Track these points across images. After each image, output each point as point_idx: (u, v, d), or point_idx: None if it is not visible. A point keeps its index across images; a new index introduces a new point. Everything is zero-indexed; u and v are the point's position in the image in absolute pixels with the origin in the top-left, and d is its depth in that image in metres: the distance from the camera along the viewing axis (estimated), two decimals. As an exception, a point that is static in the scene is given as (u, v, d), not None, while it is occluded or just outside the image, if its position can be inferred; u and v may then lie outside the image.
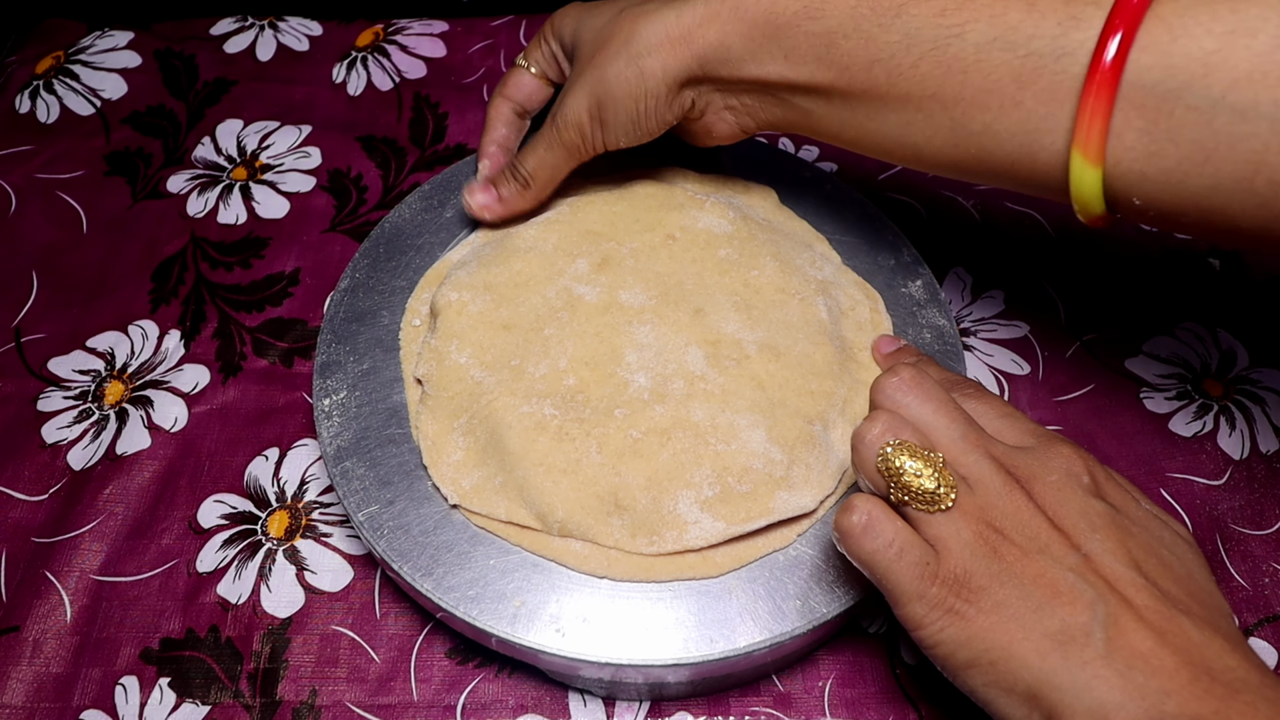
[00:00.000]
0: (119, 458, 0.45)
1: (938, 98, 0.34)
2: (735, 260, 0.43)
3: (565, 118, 0.40)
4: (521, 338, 0.40)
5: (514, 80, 0.45)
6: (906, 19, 0.34)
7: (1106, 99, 0.30)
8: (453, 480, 0.37)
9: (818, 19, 0.35)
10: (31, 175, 0.57)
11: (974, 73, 0.33)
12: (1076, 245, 0.53)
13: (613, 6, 0.40)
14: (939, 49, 0.33)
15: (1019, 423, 0.33)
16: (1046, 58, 0.31)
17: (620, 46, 0.38)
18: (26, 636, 0.40)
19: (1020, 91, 0.32)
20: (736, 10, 0.36)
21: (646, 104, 0.39)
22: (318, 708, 0.38)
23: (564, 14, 0.43)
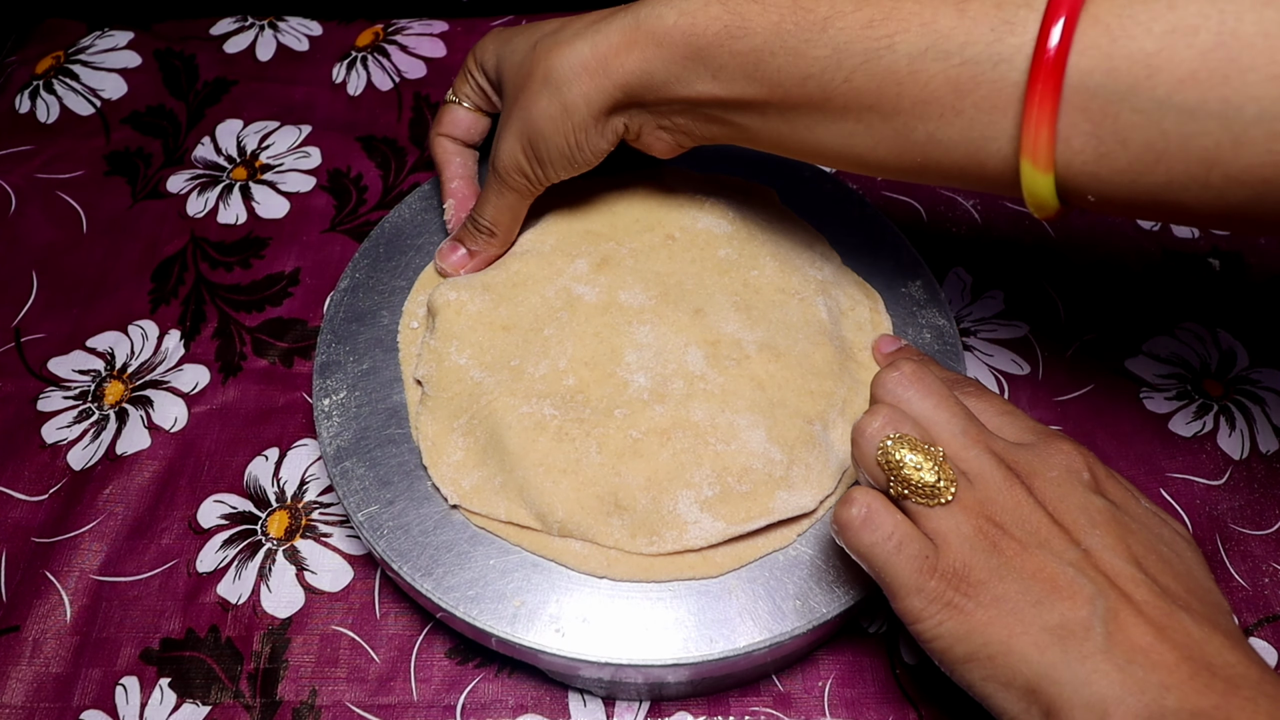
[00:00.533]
0: (119, 458, 0.45)
1: (876, 109, 0.33)
2: (735, 260, 0.43)
3: (504, 163, 0.39)
4: (521, 338, 0.40)
5: (449, 118, 0.44)
6: (833, 33, 0.33)
7: (1050, 106, 0.29)
8: (452, 480, 0.37)
9: (741, 38, 0.34)
10: (31, 175, 0.57)
11: (909, 84, 0.32)
12: (1076, 245, 0.53)
13: (528, 36, 0.39)
14: (870, 61, 0.32)
15: (1019, 420, 0.34)
16: (983, 65, 0.30)
17: (540, 83, 0.37)
18: (26, 636, 0.40)
19: (960, 100, 0.31)
20: (653, 35, 0.35)
21: (576, 137, 0.38)
22: (318, 708, 0.38)
23: (484, 45, 0.42)
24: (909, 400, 0.32)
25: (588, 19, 0.37)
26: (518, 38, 0.40)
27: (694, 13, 0.34)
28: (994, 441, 0.31)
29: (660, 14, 0.35)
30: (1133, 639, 0.27)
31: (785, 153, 0.37)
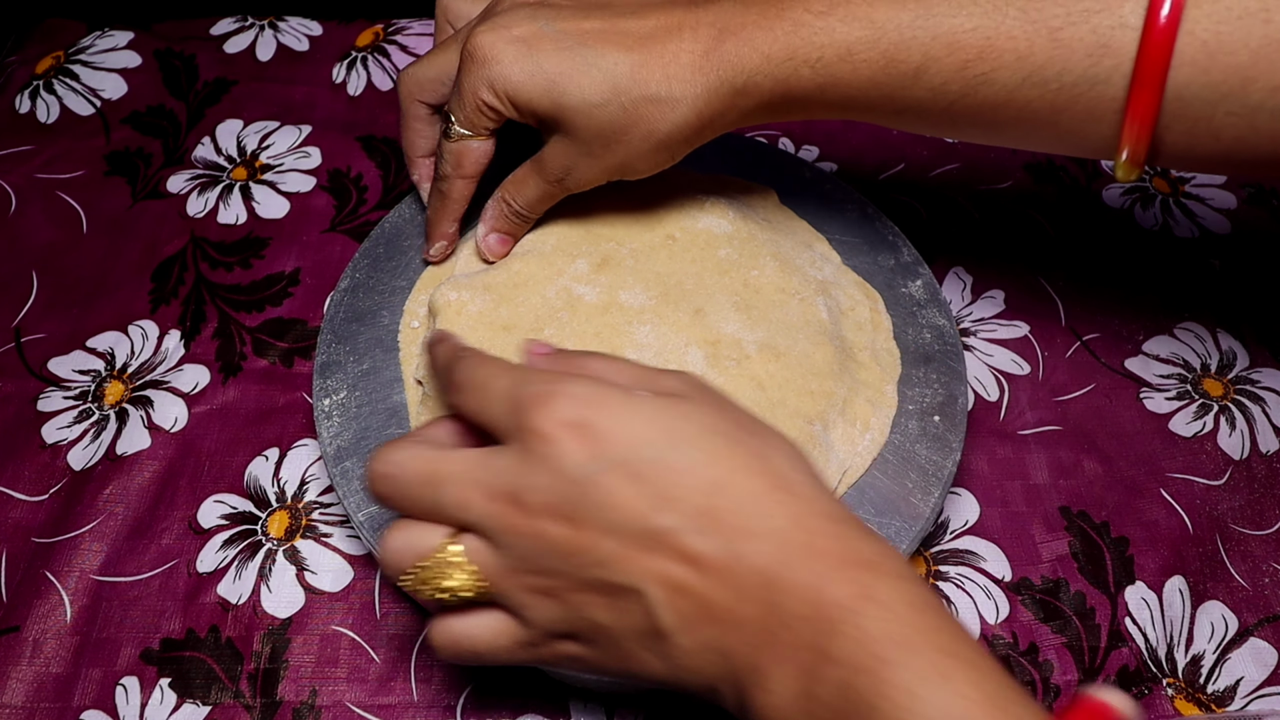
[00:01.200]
0: (119, 458, 0.45)
1: (973, 125, 0.35)
2: (735, 260, 0.43)
3: (579, 183, 0.39)
4: (522, 338, 0.40)
5: (470, 157, 0.40)
6: (928, 78, 0.34)
7: (1149, 119, 0.30)
8: None
9: (834, 91, 0.35)
10: (31, 175, 0.57)
11: (1007, 108, 0.33)
12: (1076, 245, 0.53)
13: (596, 83, 0.36)
14: (967, 96, 0.33)
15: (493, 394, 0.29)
16: (1080, 87, 0.32)
17: (645, 142, 0.37)
18: (26, 636, 0.40)
19: (1056, 116, 0.33)
20: (752, 99, 0.36)
21: (670, 167, 0.39)
22: (318, 708, 0.38)
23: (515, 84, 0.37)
24: (400, 502, 0.29)
25: (666, 67, 0.35)
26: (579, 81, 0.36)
27: (788, 80, 0.35)
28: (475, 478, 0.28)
29: (758, 84, 0.35)
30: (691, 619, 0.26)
31: None
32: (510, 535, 0.27)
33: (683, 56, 0.35)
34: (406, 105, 0.43)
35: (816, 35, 0.34)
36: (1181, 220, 0.54)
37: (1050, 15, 0.31)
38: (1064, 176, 0.56)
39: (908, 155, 0.58)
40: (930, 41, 0.33)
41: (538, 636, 0.29)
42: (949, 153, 0.58)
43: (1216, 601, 0.41)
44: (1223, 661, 0.39)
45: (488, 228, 0.42)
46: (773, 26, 0.35)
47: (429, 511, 0.29)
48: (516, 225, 0.42)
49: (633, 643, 0.27)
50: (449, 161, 0.41)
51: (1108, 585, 0.41)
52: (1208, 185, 0.56)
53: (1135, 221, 0.54)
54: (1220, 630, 0.40)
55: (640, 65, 0.36)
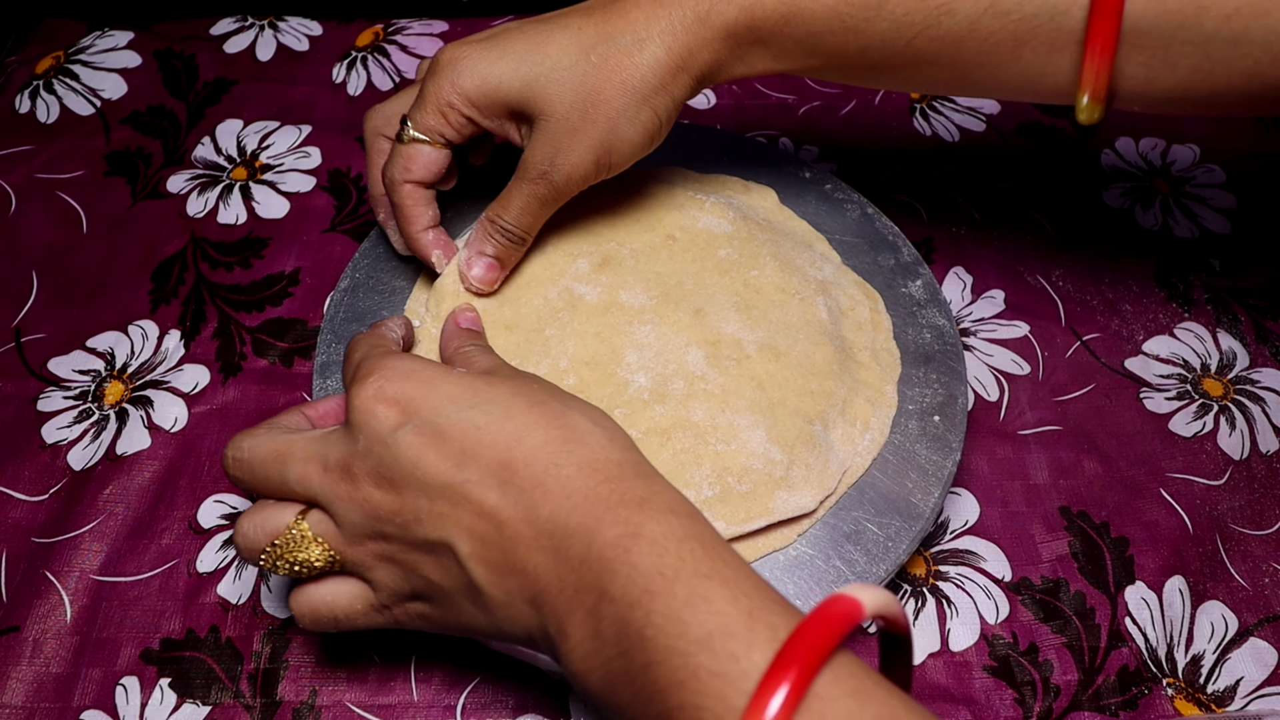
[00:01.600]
0: (119, 458, 0.45)
1: (936, 64, 0.35)
2: (735, 260, 0.43)
3: (569, 174, 0.38)
4: (523, 338, 0.40)
5: (419, 161, 0.39)
6: (891, 7, 0.34)
7: (1108, 48, 0.32)
8: None
9: (799, 23, 0.35)
10: (31, 175, 0.57)
11: (969, 41, 0.34)
12: (1076, 245, 0.53)
13: (563, 48, 0.36)
14: (930, 28, 0.34)
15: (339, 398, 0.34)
16: (1041, 17, 0.33)
17: (621, 95, 0.36)
18: (26, 636, 0.40)
19: (1018, 49, 0.34)
20: (720, 30, 0.36)
21: (659, 134, 0.39)
22: (318, 708, 0.38)
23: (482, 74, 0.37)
24: (252, 485, 0.32)
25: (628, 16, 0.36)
26: (547, 51, 0.36)
27: (753, 6, 0.35)
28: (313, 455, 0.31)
29: (721, 10, 0.36)
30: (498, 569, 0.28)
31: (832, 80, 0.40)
32: (344, 504, 0.30)
33: (643, 3, 0.36)
34: (371, 140, 0.42)
35: None
36: (1181, 220, 0.54)
37: None
38: (1064, 176, 0.56)
39: (908, 155, 0.58)
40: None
41: (388, 599, 0.31)
42: (949, 153, 0.58)
43: (1216, 601, 0.41)
44: (1223, 661, 0.39)
45: (470, 250, 0.41)
46: None
47: (278, 490, 0.31)
48: (504, 246, 0.40)
49: (460, 597, 0.29)
50: (397, 165, 0.39)
51: (1108, 585, 0.41)
52: (1207, 185, 0.56)
53: (1135, 221, 0.54)
54: (1220, 630, 0.40)
55: (604, 21, 0.36)
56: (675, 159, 0.49)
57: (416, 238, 0.41)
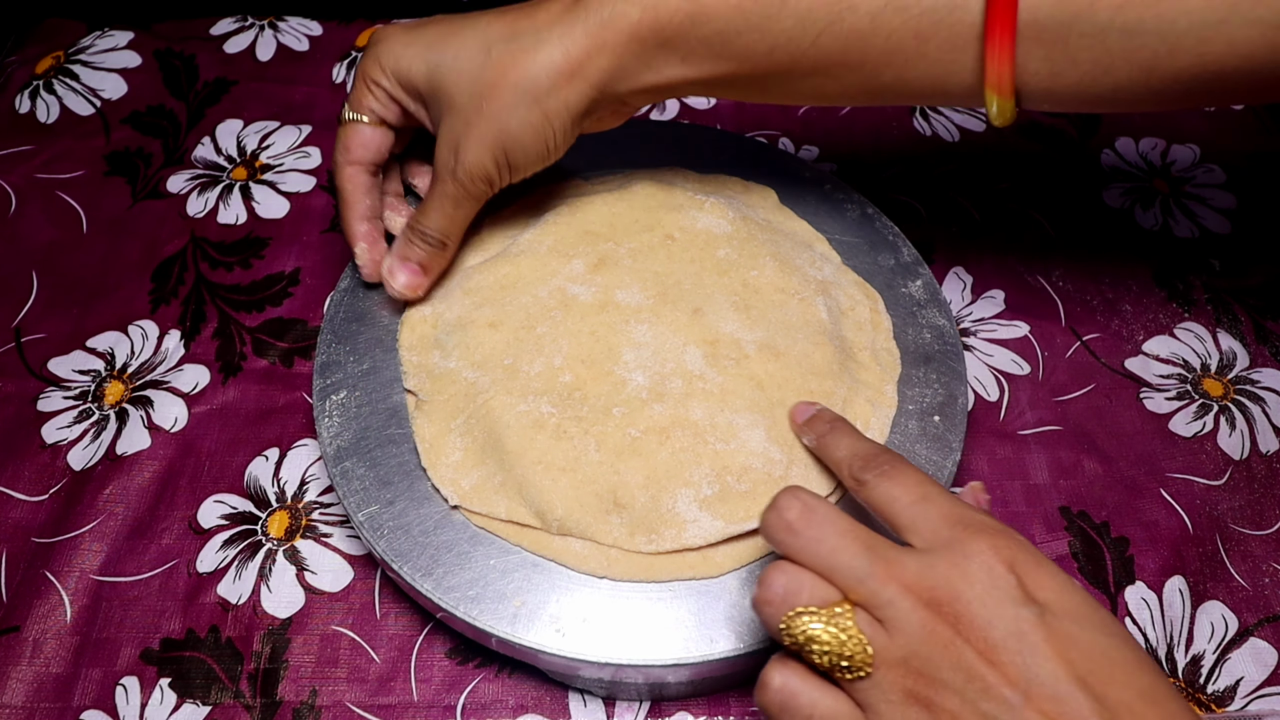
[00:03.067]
0: (119, 458, 0.45)
1: (843, 64, 0.35)
2: (734, 260, 0.43)
3: (470, 171, 0.38)
4: (511, 335, 0.40)
5: (357, 140, 0.41)
6: (794, 4, 0.34)
7: (1008, 43, 0.32)
8: (452, 481, 0.37)
9: (704, 23, 0.35)
10: (31, 175, 0.57)
11: (873, 38, 0.34)
12: (1076, 245, 0.53)
13: (468, 42, 0.37)
14: (834, 24, 0.34)
15: (935, 506, 0.30)
16: (940, 12, 0.33)
17: (515, 93, 0.36)
18: (26, 636, 0.40)
19: (923, 45, 0.34)
20: (622, 32, 0.35)
21: (555, 140, 0.38)
22: (318, 708, 0.38)
23: (392, 52, 0.39)
24: (802, 550, 0.29)
25: (535, 18, 0.36)
26: (452, 43, 0.37)
27: (656, 6, 0.35)
28: (904, 570, 0.28)
29: (624, 11, 0.35)
30: None
31: (754, 102, 0.40)
32: (917, 630, 0.27)
33: (554, 6, 0.36)
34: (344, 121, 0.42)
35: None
36: (1181, 220, 0.54)
37: None
38: (1064, 176, 0.57)
39: (908, 155, 0.58)
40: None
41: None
42: (949, 153, 0.58)
43: (1216, 601, 0.41)
44: (1223, 661, 0.39)
45: (392, 257, 0.40)
46: None
47: (825, 569, 0.29)
48: (424, 251, 0.40)
49: None
50: (338, 148, 0.41)
51: (1108, 585, 0.41)
52: (1207, 185, 0.56)
53: (1135, 221, 0.54)
54: (1220, 630, 0.40)
55: (513, 20, 0.37)
56: (675, 159, 0.49)
57: (350, 224, 0.41)
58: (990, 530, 0.29)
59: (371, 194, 0.42)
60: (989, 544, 0.28)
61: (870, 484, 0.31)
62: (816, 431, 0.36)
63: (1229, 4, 0.31)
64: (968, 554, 0.28)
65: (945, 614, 0.27)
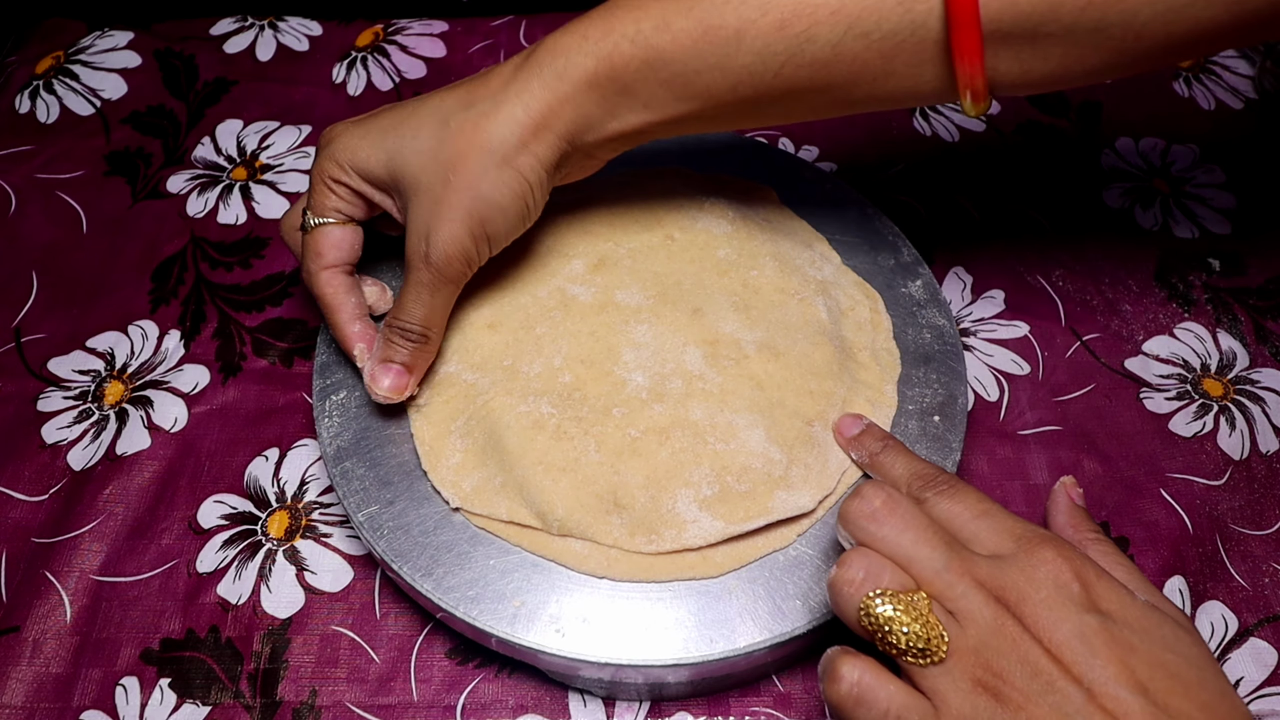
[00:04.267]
0: (119, 458, 0.45)
1: (810, 89, 0.35)
2: (734, 260, 0.43)
3: (445, 253, 0.36)
4: (510, 336, 0.40)
5: (327, 243, 0.39)
6: (750, 40, 0.34)
7: (975, 54, 0.32)
8: (453, 483, 0.37)
9: (661, 66, 0.34)
10: (31, 175, 0.57)
11: (838, 64, 0.34)
12: (1076, 245, 0.53)
13: (424, 120, 0.36)
14: (796, 55, 0.34)
15: (997, 521, 0.31)
16: (902, 34, 0.33)
17: (482, 159, 0.35)
18: (26, 636, 0.40)
19: (889, 64, 0.34)
20: (580, 82, 0.35)
21: (533, 197, 0.36)
22: (318, 708, 0.38)
23: (351, 149, 0.37)
24: (884, 539, 0.30)
25: (488, 84, 0.36)
26: (408, 125, 0.36)
27: (610, 55, 0.34)
28: (977, 568, 0.29)
29: (578, 62, 0.35)
30: None
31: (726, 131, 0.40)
32: (988, 623, 0.28)
33: (505, 69, 0.36)
34: (291, 240, 0.41)
35: (631, 13, 0.35)
36: (1181, 220, 0.54)
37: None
38: (1064, 176, 0.56)
39: (908, 155, 0.58)
40: (741, 4, 0.33)
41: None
42: (949, 153, 0.58)
43: (1216, 601, 0.41)
44: (1223, 662, 0.39)
45: (373, 361, 0.38)
46: (589, 16, 0.35)
47: (904, 559, 0.30)
48: (407, 349, 0.38)
49: None
50: (309, 255, 0.39)
51: (1108, 585, 0.41)
52: (1207, 185, 0.56)
53: (1135, 221, 0.54)
54: (1220, 630, 0.40)
55: (467, 91, 0.36)
56: (675, 159, 0.49)
57: (341, 329, 0.39)
58: (1055, 542, 0.30)
59: (354, 292, 0.40)
60: (1055, 553, 0.30)
61: (931, 501, 0.33)
62: (868, 449, 0.37)
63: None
64: (1034, 562, 0.29)
65: (1014, 612, 0.28)
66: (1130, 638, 0.28)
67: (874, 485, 0.31)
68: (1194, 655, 0.28)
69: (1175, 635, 0.29)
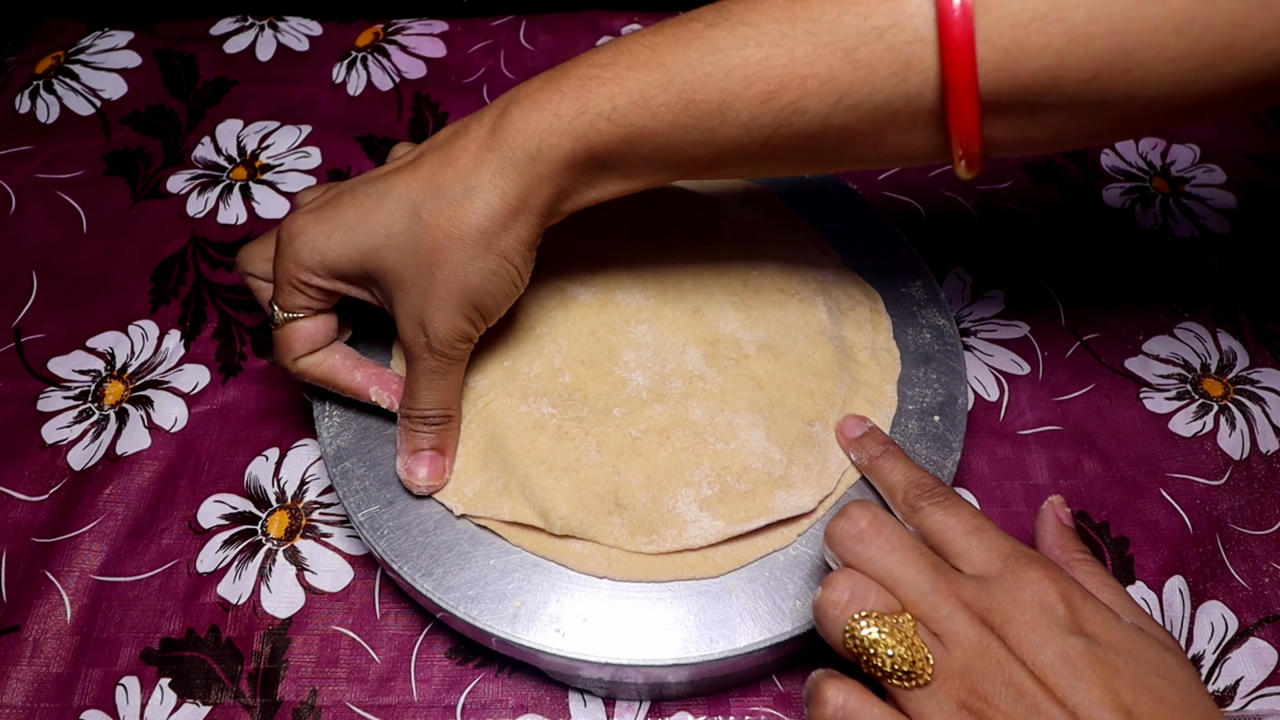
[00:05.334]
0: (119, 458, 0.45)
1: (798, 155, 0.33)
2: (734, 260, 0.43)
3: (445, 339, 0.35)
4: (510, 337, 0.40)
5: (300, 337, 0.37)
6: (735, 113, 0.32)
7: (972, 124, 0.30)
8: (455, 490, 0.37)
9: (642, 142, 0.33)
10: (31, 175, 0.57)
11: (826, 134, 0.32)
12: (1076, 245, 0.53)
13: (393, 212, 0.34)
14: (782, 128, 0.32)
15: (988, 539, 0.31)
16: (895, 104, 0.31)
17: (463, 246, 0.33)
18: (26, 636, 0.40)
19: (879, 132, 0.32)
20: (554, 164, 0.33)
21: (519, 275, 0.35)
22: (318, 708, 0.38)
23: (320, 249, 0.35)
24: (870, 560, 0.30)
25: (454, 165, 0.33)
26: (375, 218, 0.34)
27: (587, 135, 0.32)
28: (963, 589, 0.30)
29: (553, 143, 0.32)
30: None
31: None
32: (973, 645, 0.29)
33: (470, 145, 0.33)
34: (247, 280, 0.41)
35: (605, 86, 0.32)
36: (1181, 220, 0.54)
37: (841, 37, 0.30)
38: (1064, 176, 0.56)
39: (908, 155, 0.58)
40: (724, 77, 0.31)
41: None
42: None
43: (1216, 601, 0.41)
44: (1223, 661, 0.39)
45: (403, 455, 0.37)
46: (557, 87, 0.33)
47: (890, 580, 0.30)
48: (433, 433, 0.37)
49: None
50: (282, 350, 0.38)
51: (1108, 585, 0.41)
52: (1207, 185, 0.56)
53: (1135, 221, 0.54)
54: (1220, 630, 0.40)
55: (432, 175, 0.34)
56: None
57: (350, 388, 0.38)
58: (1042, 563, 0.30)
59: (335, 352, 0.39)
60: (1042, 574, 0.30)
61: (925, 511, 0.33)
62: (868, 453, 0.37)
63: (1200, 64, 0.29)
64: (1021, 583, 0.29)
65: (999, 634, 0.29)
66: (1115, 660, 0.28)
67: (860, 505, 0.31)
68: (1180, 678, 0.29)
69: (1161, 658, 0.29)
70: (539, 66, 0.62)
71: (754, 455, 0.37)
